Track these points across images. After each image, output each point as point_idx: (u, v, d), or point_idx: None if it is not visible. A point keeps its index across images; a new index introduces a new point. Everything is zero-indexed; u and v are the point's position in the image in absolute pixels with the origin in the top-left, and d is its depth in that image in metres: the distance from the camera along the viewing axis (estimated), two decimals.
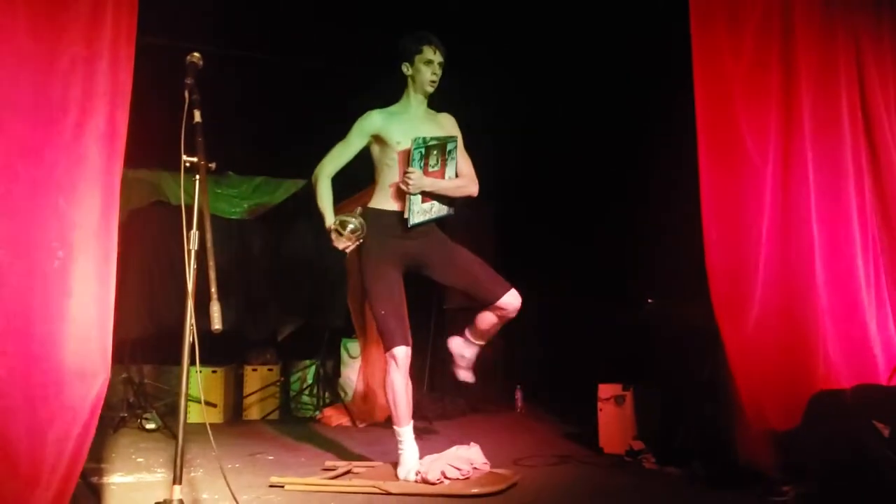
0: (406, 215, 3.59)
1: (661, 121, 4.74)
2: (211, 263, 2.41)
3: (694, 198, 3.64)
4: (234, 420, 5.97)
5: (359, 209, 3.69)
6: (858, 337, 3.75)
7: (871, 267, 3.89)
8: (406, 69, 3.75)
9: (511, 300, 3.69)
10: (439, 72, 3.73)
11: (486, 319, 3.79)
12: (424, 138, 3.59)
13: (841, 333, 3.71)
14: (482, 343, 3.93)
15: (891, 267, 3.95)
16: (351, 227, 3.56)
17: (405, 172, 3.57)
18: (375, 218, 3.66)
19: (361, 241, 3.60)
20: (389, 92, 3.87)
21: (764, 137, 3.73)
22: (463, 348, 3.95)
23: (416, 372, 3.78)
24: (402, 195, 3.62)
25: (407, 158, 3.60)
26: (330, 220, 3.65)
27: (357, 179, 4.10)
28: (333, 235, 3.57)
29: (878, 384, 3.55)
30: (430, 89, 3.75)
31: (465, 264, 3.76)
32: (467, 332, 3.91)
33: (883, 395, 3.27)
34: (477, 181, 3.83)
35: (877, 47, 4.07)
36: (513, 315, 3.75)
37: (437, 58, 3.72)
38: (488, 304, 3.72)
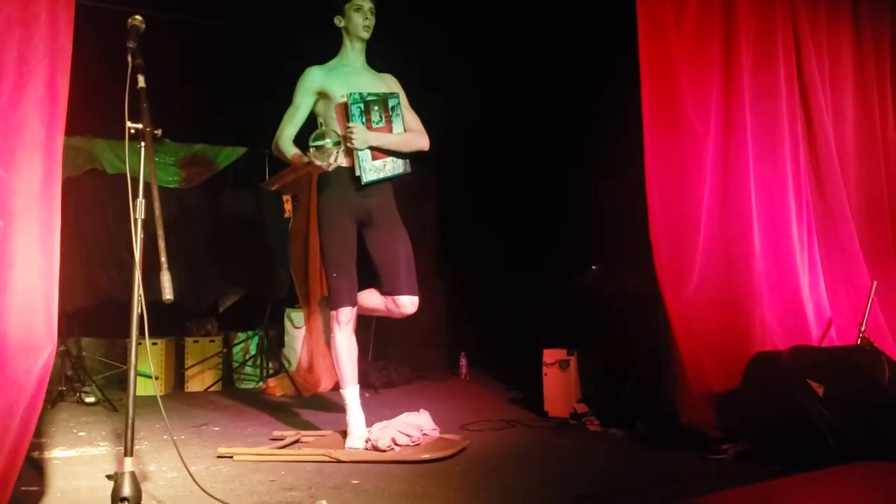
0: (357, 172, 3.57)
1: (605, 91, 4.80)
2: (160, 233, 2.36)
3: (638, 166, 3.71)
4: (176, 392, 5.88)
5: (320, 120, 3.62)
6: (792, 300, 3.90)
7: (805, 233, 4.03)
8: (339, 21, 3.74)
9: (407, 303, 3.66)
10: (371, 17, 3.71)
11: (374, 300, 3.70)
12: (361, 93, 3.60)
13: (776, 297, 3.84)
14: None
15: (823, 233, 4.10)
16: (330, 140, 3.47)
17: (346, 128, 3.55)
18: (329, 176, 3.63)
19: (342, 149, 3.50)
20: (328, 55, 3.82)
21: (706, 107, 3.82)
22: None
23: (360, 341, 3.77)
24: (350, 152, 3.58)
25: (344, 112, 3.59)
26: (298, 152, 3.59)
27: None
28: (316, 156, 3.46)
29: (811, 345, 3.70)
30: (365, 35, 3.72)
31: (399, 248, 3.70)
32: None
33: (816, 355, 3.41)
34: (426, 135, 3.81)
35: (813, 19, 4.18)
36: (397, 316, 3.72)
37: (367, 3, 3.70)
38: (388, 292, 3.67)
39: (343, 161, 3.56)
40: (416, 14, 5.20)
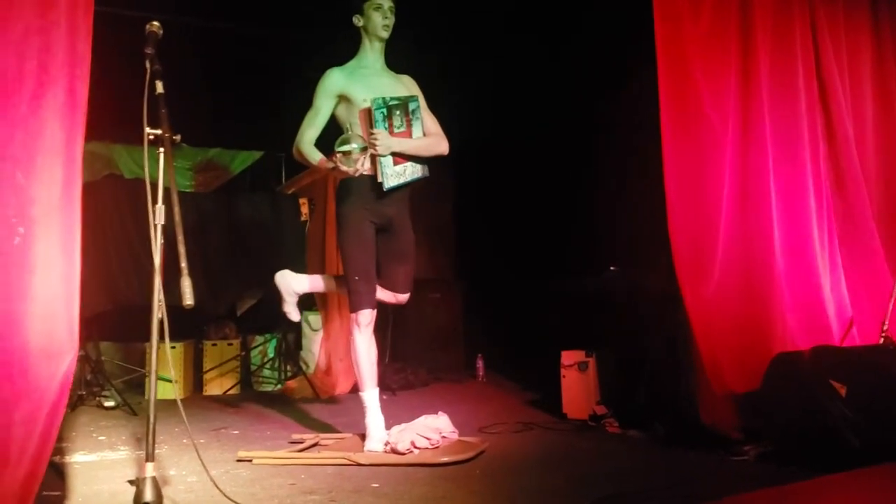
0: (380, 179, 3.56)
1: (620, 89, 4.78)
2: (180, 238, 2.36)
3: (656, 165, 3.68)
4: (195, 396, 5.91)
5: (346, 124, 3.62)
6: (813, 300, 3.85)
7: (825, 232, 3.99)
8: (357, 20, 3.72)
9: (402, 299, 3.92)
10: (390, 15, 3.68)
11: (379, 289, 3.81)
12: (384, 98, 3.57)
13: (797, 297, 3.80)
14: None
15: (843, 232, 4.05)
16: (357, 145, 3.45)
17: (370, 134, 3.53)
18: (350, 183, 3.62)
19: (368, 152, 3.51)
20: (345, 55, 3.80)
21: (723, 104, 3.79)
22: (297, 285, 3.94)
23: (377, 343, 3.77)
24: (373, 158, 3.56)
25: (368, 118, 3.57)
26: (323, 158, 3.59)
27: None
28: (343, 162, 3.45)
29: (833, 345, 3.66)
30: (384, 34, 3.69)
31: (408, 255, 3.84)
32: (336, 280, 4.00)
33: (838, 356, 3.37)
34: (446, 138, 3.81)
35: (831, 15, 4.14)
36: (389, 303, 3.95)
37: (387, 2, 3.67)
38: (386, 287, 3.82)
39: (368, 167, 3.55)
40: (432, 13, 5.18)
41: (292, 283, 3.93)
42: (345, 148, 3.45)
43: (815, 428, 3.10)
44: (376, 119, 3.53)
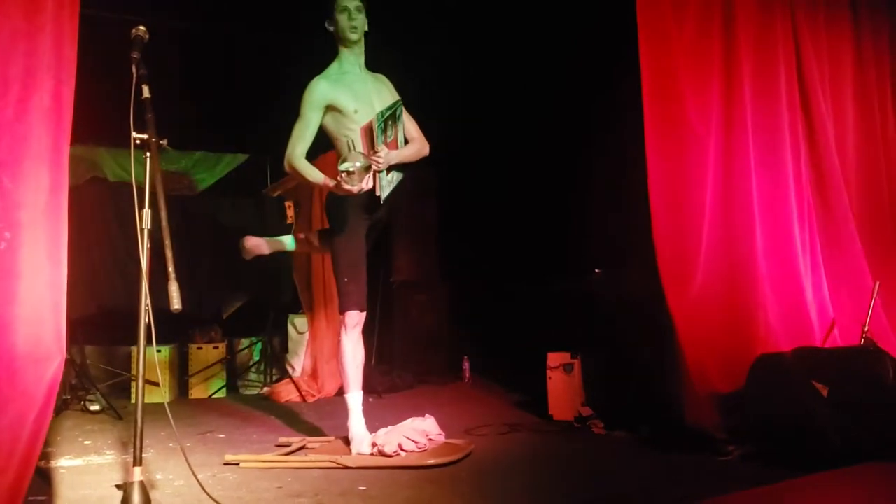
0: (378, 192, 3.56)
1: (605, 93, 4.81)
2: (167, 242, 2.37)
3: (640, 168, 3.71)
4: (180, 399, 5.88)
5: (346, 143, 3.57)
6: (795, 302, 3.90)
7: (807, 234, 4.04)
8: (329, 25, 3.68)
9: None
10: (357, 16, 3.62)
11: None
12: (381, 112, 3.55)
13: (779, 299, 3.85)
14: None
15: (825, 234, 4.11)
16: (359, 163, 3.42)
17: (374, 152, 3.49)
18: (345, 196, 3.58)
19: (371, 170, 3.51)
20: (330, 56, 3.76)
21: (706, 108, 3.83)
22: (265, 248, 4.16)
23: (363, 346, 3.78)
24: (373, 173, 3.54)
25: (369, 134, 3.55)
26: (326, 177, 3.57)
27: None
28: (346, 181, 3.42)
29: (815, 347, 3.71)
30: (353, 36, 3.64)
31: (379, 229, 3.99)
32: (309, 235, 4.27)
33: (820, 356, 3.43)
34: (426, 140, 3.86)
35: (812, 21, 4.20)
36: None
37: (353, 3, 3.62)
38: None
39: (371, 184, 3.54)
40: (419, 11, 5.19)
41: (262, 247, 4.16)
42: (348, 167, 3.43)
43: (798, 428, 3.14)
44: (377, 135, 3.51)
